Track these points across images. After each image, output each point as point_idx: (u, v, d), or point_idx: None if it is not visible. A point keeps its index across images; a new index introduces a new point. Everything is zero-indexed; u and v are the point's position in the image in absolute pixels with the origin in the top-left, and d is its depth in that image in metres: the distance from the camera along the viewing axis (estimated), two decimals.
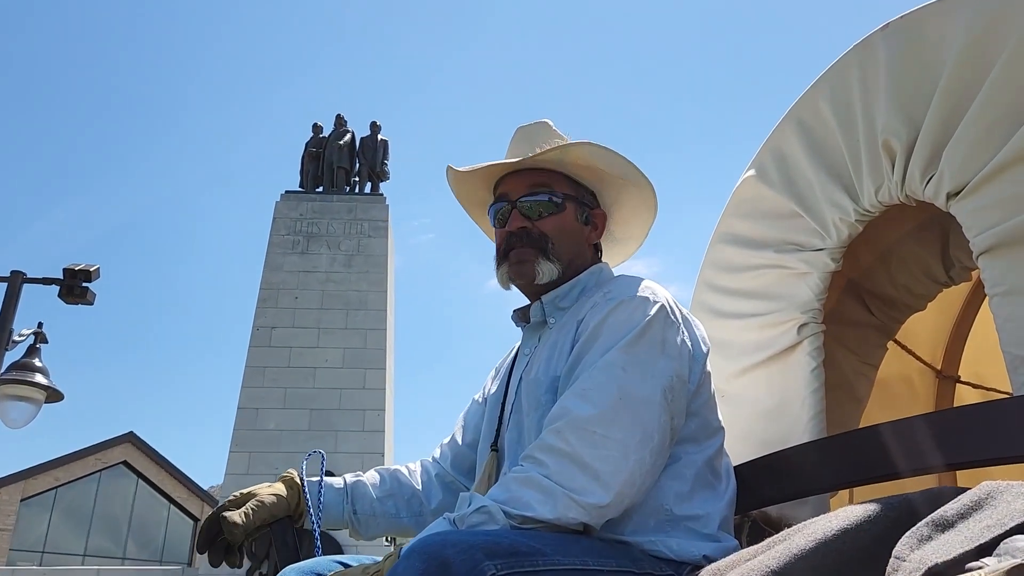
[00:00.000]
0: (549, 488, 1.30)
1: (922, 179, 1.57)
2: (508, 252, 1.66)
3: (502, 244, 1.68)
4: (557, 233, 1.65)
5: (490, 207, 1.74)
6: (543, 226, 1.65)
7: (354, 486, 1.79)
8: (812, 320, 1.80)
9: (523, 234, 1.64)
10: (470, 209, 1.89)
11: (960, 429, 1.35)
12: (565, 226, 1.67)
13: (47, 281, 8.12)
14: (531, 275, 1.63)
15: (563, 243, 1.66)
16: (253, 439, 15.16)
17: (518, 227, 1.65)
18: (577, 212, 1.70)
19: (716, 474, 1.53)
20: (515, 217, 1.66)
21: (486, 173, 1.74)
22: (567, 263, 1.66)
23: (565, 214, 1.68)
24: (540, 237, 1.64)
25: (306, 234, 17.18)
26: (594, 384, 1.40)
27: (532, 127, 1.77)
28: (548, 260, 1.63)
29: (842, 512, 1.16)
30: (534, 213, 1.66)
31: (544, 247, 1.63)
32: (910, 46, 1.65)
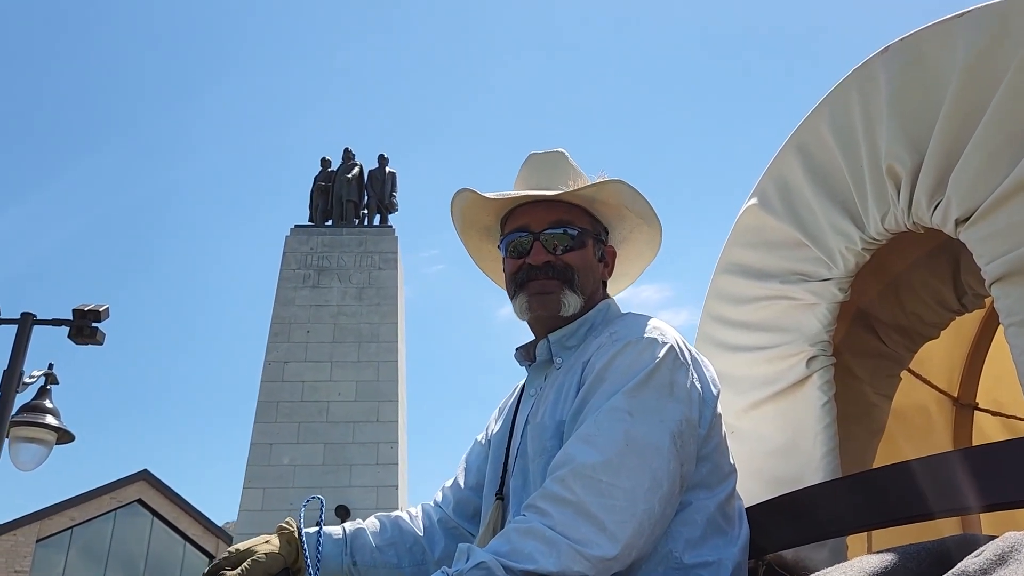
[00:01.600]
0: (552, 539, 1.24)
1: (929, 205, 1.52)
2: (526, 282, 1.62)
3: (517, 274, 1.63)
4: (581, 266, 1.62)
5: (504, 236, 1.69)
6: (568, 259, 1.61)
7: (354, 536, 1.74)
8: (821, 352, 1.74)
9: (547, 267, 1.60)
10: (467, 232, 1.83)
11: (985, 468, 1.29)
12: (587, 261, 1.64)
13: (57, 323, 8.13)
14: (556, 307, 1.59)
15: (585, 277, 1.62)
16: (267, 475, 15.08)
17: (543, 260, 1.60)
18: (594, 248, 1.67)
19: (728, 519, 1.47)
20: (538, 250, 1.61)
21: (500, 200, 1.69)
22: (588, 298, 1.63)
23: (586, 250, 1.64)
24: (566, 269, 1.60)
25: (317, 268, 17.22)
26: (600, 430, 1.35)
27: (548, 156, 1.74)
28: (574, 292, 1.59)
29: (858, 562, 1.10)
30: (556, 246, 1.61)
31: (571, 279, 1.59)
32: (911, 69, 1.61)
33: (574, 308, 1.60)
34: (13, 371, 7.65)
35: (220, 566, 1.60)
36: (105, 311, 8.15)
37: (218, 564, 1.61)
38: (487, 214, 1.75)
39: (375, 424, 15.68)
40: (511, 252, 1.66)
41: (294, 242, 17.56)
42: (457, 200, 1.74)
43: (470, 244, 1.84)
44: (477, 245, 1.84)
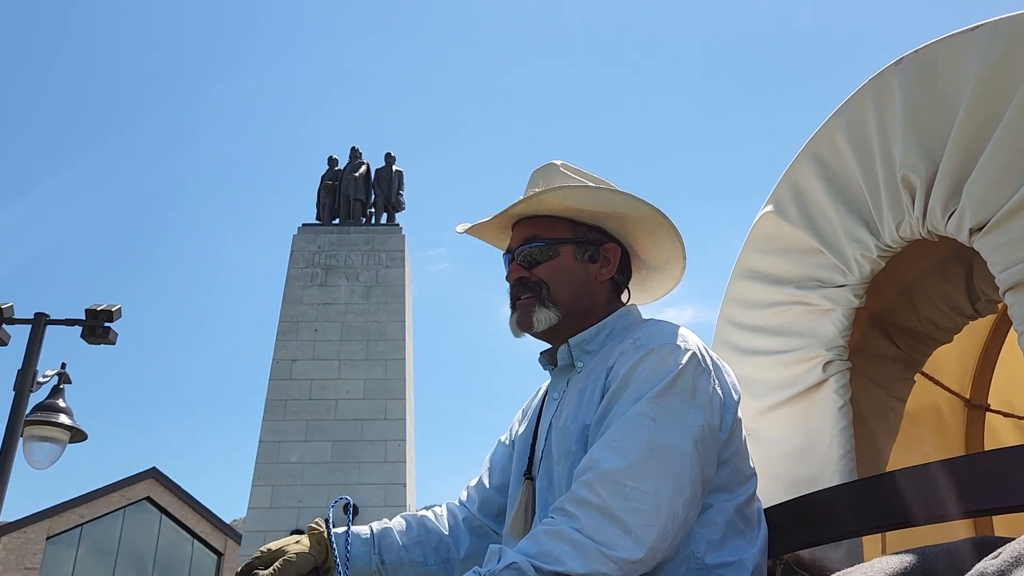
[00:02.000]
0: (580, 542, 1.28)
1: (944, 214, 1.56)
2: (513, 303, 1.69)
3: (510, 294, 1.70)
4: (552, 277, 1.65)
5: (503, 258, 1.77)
6: (539, 272, 1.66)
7: (381, 535, 1.78)
8: (837, 357, 1.78)
9: (520, 284, 1.67)
10: None
11: (999, 472, 1.33)
12: (561, 269, 1.66)
13: (70, 322, 8.21)
14: (528, 325, 1.65)
15: (560, 286, 1.65)
16: (275, 472, 15.16)
17: (515, 278, 1.68)
18: (577, 252, 1.68)
19: (748, 520, 1.51)
20: (513, 268, 1.69)
21: (504, 224, 1.76)
22: (568, 305, 1.65)
23: (560, 258, 1.67)
24: (537, 284, 1.65)
25: (324, 266, 17.28)
26: (624, 435, 1.39)
27: (540, 170, 1.77)
28: (544, 307, 1.64)
29: (879, 563, 1.14)
30: (530, 261, 1.67)
31: (540, 293, 1.64)
32: (925, 81, 1.64)
33: (548, 322, 1.63)
34: (27, 371, 7.73)
35: (253, 566, 1.65)
36: (118, 311, 8.22)
37: (250, 564, 1.66)
38: (500, 237, 1.82)
39: (383, 422, 15.75)
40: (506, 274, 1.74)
41: (301, 241, 17.62)
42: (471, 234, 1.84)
43: None
44: None
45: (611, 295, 1.72)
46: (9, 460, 7.45)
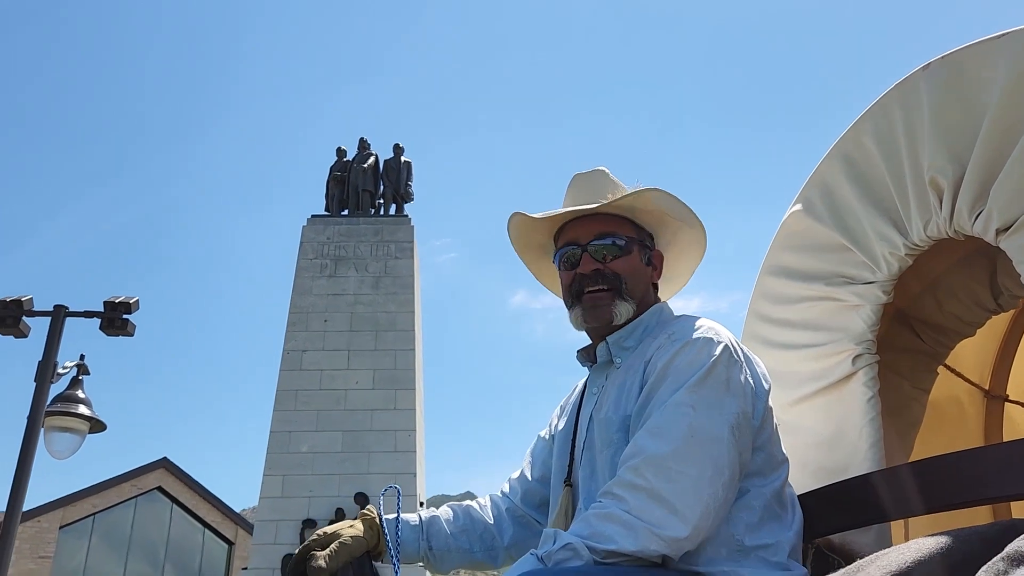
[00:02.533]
0: (630, 522, 1.37)
1: (970, 215, 1.63)
2: (580, 294, 1.74)
3: (572, 285, 1.76)
4: (629, 273, 1.74)
5: (557, 251, 1.82)
6: (615, 267, 1.73)
7: (429, 522, 1.87)
8: (866, 351, 1.86)
9: (597, 275, 1.73)
10: (525, 253, 1.97)
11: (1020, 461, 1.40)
12: (634, 267, 1.76)
13: (88, 314, 8.31)
14: (608, 317, 1.72)
15: (634, 283, 1.74)
16: (286, 462, 15.28)
17: (591, 269, 1.73)
18: (640, 254, 1.79)
19: (783, 505, 1.59)
20: (587, 260, 1.74)
21: (551, 220, 1.83)
22: (638, 302, 1.75)
23: (632, 256, 1.76)
24: (614, 277, 1.72)
25: (334, 257, 17.36)
26: (666, 423, 1.47)
27: (590, 175, 1.86)
28: (624, 300, 1.71)
29: (915, 544, 1.22)
30: (604, 255, 1.74)
31: (619, 287, 1.72)
32: (952, 86, 1.71)
33: (626, 315, 1.72)
34: (47, 362, 7.84)
35: (310, 547, 1.74)
36: (135, 303, 8.32)
37: (308, 546, 1.75)
38: (540, 234, 1.89)
39: (392, 412, 15.85)
40: (563, 265, 1.80)
41: (311, 232, 17.69)
42: (512, 223, 1.89)
43: (530, 263, 1.99)
44: (536, 263, 1.98)
45: (654, 297, 1.83)
46: (32, 449, 7.57)
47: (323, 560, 1.69)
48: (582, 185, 1.84)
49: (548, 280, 2.01)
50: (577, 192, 1.84)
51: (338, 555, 1.72)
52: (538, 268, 2.00)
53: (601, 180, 1.83)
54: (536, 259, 1.98)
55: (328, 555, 1.70)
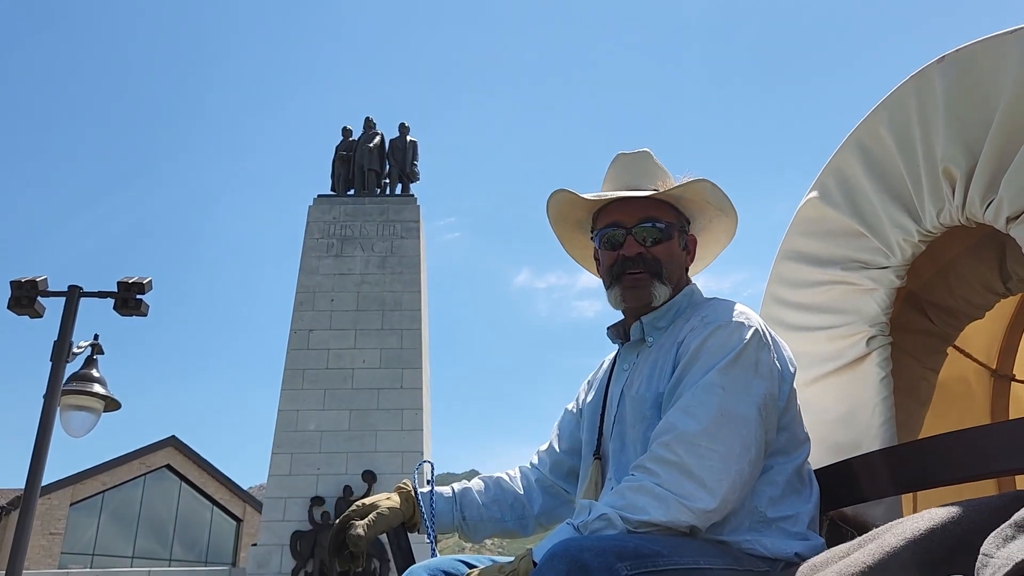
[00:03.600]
0: (662, 495, 1.46)
1: (982, 204, 1.70)
2: (621, 275, 1.81)
3: (613, 266, 1.83)
4: (668, 258, 1.81)
5: (598, 231, 1.88)
6: (656, 252, 1.80)
7: (462, 494, 1.97)
8: (880, 333, 1.94)
9: (639, 259, 1.80)
10: (559, 225, 2.02)
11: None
12: (673, 252, 1.83)
13: (103, 295, 8.39)
14: (647, 298, 1.79)
15: (672, 268, 1.82)
16: (294, 440, 15.43)
17: (636, 252, 1.80)
18: (679, 239, 1.86)
19: (803, 480, 1.69)
20: (630, 243, 1.81)
21: (592, 204, 1.88)
22: (675, 286, 1.82)
23: (672, 241, 1.84)
24: (654, 261, 1.80)
25: (340, 237, 17.41)
26: (697, 402, 1.56)
27: (635, 157, 1.92)
28: (662, 283, 1.79)
29: (928, 514, 1.30)
30: (646, 239, 1.81)
31: (659, 271, 1.79)
32: (965, 78, 1.78)
33: (663, 298, 1.80)
34: (63, 342, 7.94)
35: (350, 516, 1.84)
36: (148, 283, 8.40)
37: (348, 515, 1.85)
38: (580, 210, 1.94)
39: (399, 391, 15.97)
40: (605, 244, 1.85)
41: (317, 212, 17.73)
42: (554, 198, 1.93)
43: (562, 235, 2.04)
44: (570, 235, 2.03)
45: (687, 280, 1.90)
46: (49, 428, 7.69)
47: (362, 528, 1.79)
48: (627, 167, 1.90)
49: (578, 252, 2.07)
50: (621, 173, 1.90)
51: (376, 524, 1.82)
52: (569, 240, 2.05)
53: (646, 163, 1.89)
54: (569, 232, 2.03)
55: (367, 524, 1.80)
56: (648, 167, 1.89)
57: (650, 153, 1.92)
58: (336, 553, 1.82)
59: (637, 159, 1.91)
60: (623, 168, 1.91)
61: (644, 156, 1.91)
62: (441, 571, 1.66)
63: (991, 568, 1.08)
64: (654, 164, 1.90)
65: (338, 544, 1.82)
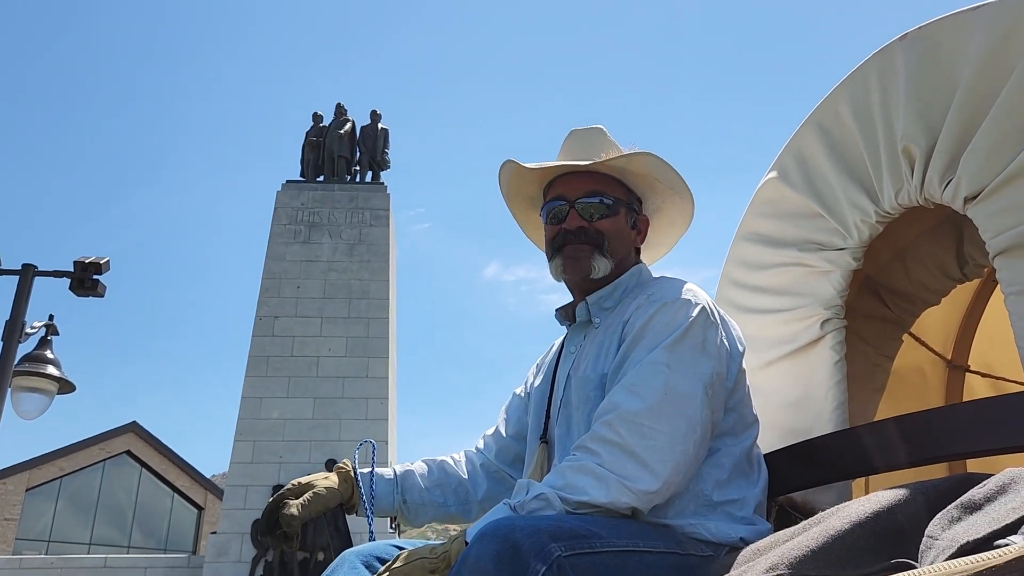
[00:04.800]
0: (602, 475, 1.40)
1: (940, 183, 1.66)
2: (562, 247, 1.75)
3: (555, 239, 1.77)
4: (612, 233, 1.76)
5: (544, 205, 1.83)
6: (600, 226, 1.75)
7: (404, 476, 1.90)
8: (835, 316, 1.90)
9: (580, 232, 1.74)
10: (513, 201, 1.97)
11: (978, 421, 1.46)
12: (618, 228, 1.77)
13: (58, 274, 8.19)
14: (587, 270, 1.73)
15: (616, 243, 1.76)
16: (257, 428, 15.26)
17: (576, 226, 1.75)
18: (627, 216, 1.80)
19: (751, 463, 1.64)
20: (573, 216, 1.75)
21: (541, 172, 1.83)
22: (618, 262, 1.76)
23: (619, 217, 1.78)
24: (597, 235, 1.74)
25: (308, 223, 17.23)
26: (641, 380, 1.50)
27: (588, 132, 1.86)
28: (603, 256, 1.73)
29: (874, 496, 1.26)
30: (590, 214, 1.75)
31: (601, 244, 1.73)
32: (928, 56, 1.74)
33: (603, 271, 1.74)
34: (15, 321, 7.73)
35: (284, 495, 1.76)
36: (106, 263, 8.21)
37: (282, 494, 1.77)
38: (530, 185, 1.89)
39: (365, 380, 15.84)
40: (550, 219, 1.80)
41: (285, 197, 17.51)
42: (503, 171, 1.88)
43: (517, 213, 1.99)
44: (524, 214, 1.98)
45: (635, 260, 1.84)
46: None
47: (295, 508, 1.71)
48: (578, 141, 1.85)
49: (532, 231, 2.02)
50: (572, 148, 1.85)
51: (311, 505, 1.74)
52: (524, 219, 2.00)
53: (597, 138, 1.84)
54: (523, 210, 1.98)
55: (301, 504, 1.72)
56: (599, 142, 1.83)
57: (603, 129, 1.87)
58: (268, 532, 1.75)
59: (588, 135, 1.86)
60: (574, 143, 1.86)
61: (596, 132, 1.86)
62: (374, 556, 1.58)
63: (935, 550, 1.04)
64: (606, 140, 1.85)
65: (271, 523, 1.74)
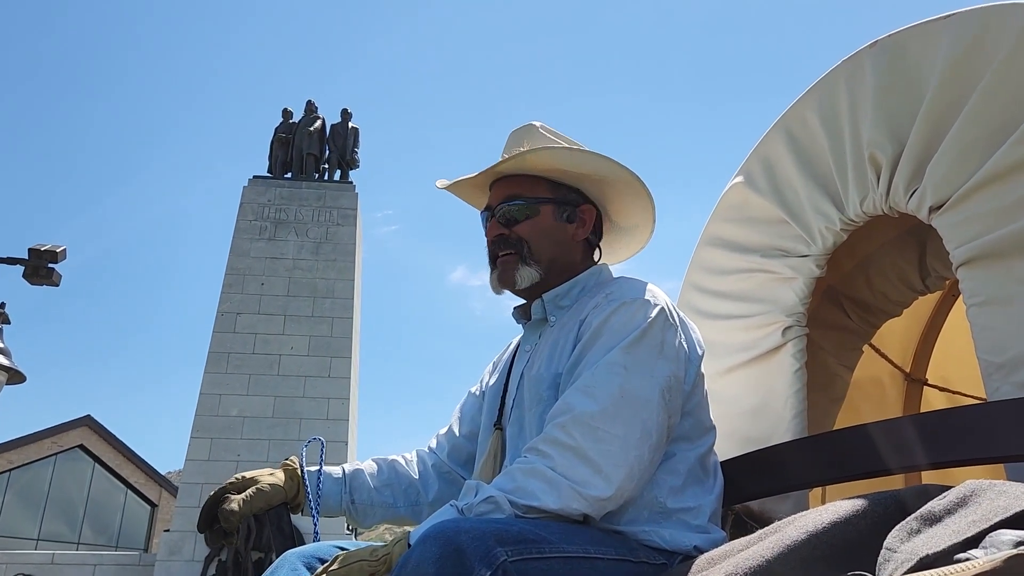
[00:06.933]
0: (554, 479, 1.35)
1: (906, 192, 1.65)
2: (494, 259, 1.72)
3: (488, 250, 1.74)
4: (533, 236, 1.70)
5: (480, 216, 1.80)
6: (519, 231, 1.70)
7: (352, 476, 1.83)
8: (796, 323, 1.88)
9: (500, 241, 1.71)
10: None
11: (938, 432, 1.44)
12: (542, 228, 1.71)
13: (11, 261, 8.00)
14: (511, 281, 1.70)
15: (541, 244, 1.70)
16: (215, 425, 15.03)
17: (496, 235, 1.71)
18: (556, 212, 1.73)
19: (706, 470, 1.60)
20: (492, 225, 1.72)
21: (482, 182, 1.79)
22: (548, 263, 1.70)
23: (540, 217, 1.71)
24: (517, 241, 1.70)
25: (274, 220, 17.03)
26: (597, 382, 1.46)
27: (520, 131, 1.81)
28: (526, 264, 1.69)
29: (831, 507, 1.23)
30: (508, 219, 1.71)
31: (521, 251, 1.69)
32: (896, 65, 1.73)
33: (530, 279, 1.69)
34: None
35: (226, 489, 1.69)
36: (62, 252, 8.02)
37: (224, 488, 1.70)
38: (477, 196, 1.85)
39: (327, 380, 15.68)
40: (484, 229, 1.77)
41: (252, 193, 17.29)
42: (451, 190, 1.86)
43: None
44: None
45: (585, 254, 1.78)
46: None
47: (236, 504, 1.64)
48: (511, 143, 1.79)
49: None
50: (507, 150, 1.79)
51: (253, 501, 1.67)
52: None
53: (529, 136, 1.77)
54: None
55: (243, 499, 1.66)
56: (531, 140, 1.76)
57: (535, 126, 1.80)
58: (206, 527, 1.67)
59: (520, 134, 1.80)
60: (510, 145, 1.80)
61: (528, 130, 1.80)
62: (316, 558, 1.51)
63: (893, 563, 1.01)
64: (538, 135, 1.78)
65: (209, 518, 1.67)
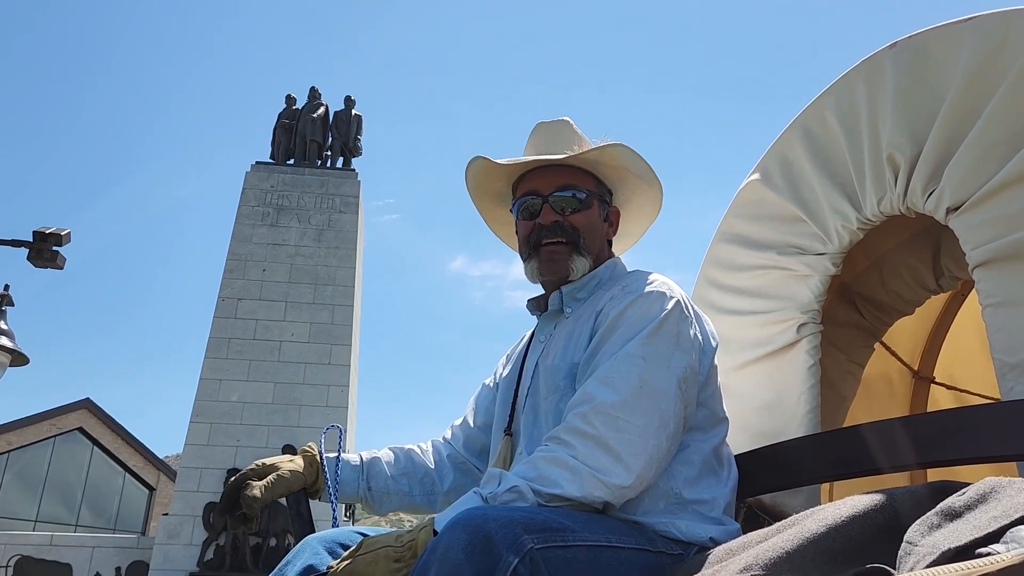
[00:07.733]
0: (576, 468, 1.38)
1: (923, 193, 1.67)
2: (538, 246, 1.72)
3: (530, 236, 1.74)
4: (587, 228, 1.73)
5: (516, 200, 1.80)
6: (574, 220, 1.72)
7: (370, 464, 1.86)
8: (811, 320, 1.90)
9: (556, 227, 1.71)
10: (480, 198, 1.93)
11: (951, 430, 1.46)
12: (593, 222, 1.75)
13: (16, 243, 8.01)
14: (565, 272, 1.71)
15: (592, 238, 1.74)
16: (215, 410, 15.08)
17: (551, 220, 1.71)
18: (600, 209, 1.78)
19: (720, 462, 1.63)
20: (547, 211, 1.72)
21: (511, 167, 1.80)
22: (595, 256, 1.74)
23: (592, 211, 1.75)
24: (572, 231, 1.71)
25: (276, 206, 17.02)
26: (616, 373, 1.48)
27: (554, 125, 1.83)
28: (581, 255, 1.71)
29: (850, 500, 1.26)
30: (564, 208, 1.72)
31: (577, 241, 1.71)
32: (916, 66, 1.74)
33: (582, 270, 1.71)
34: None
35: (247, 476, 1.72)
36: (67, 235, 8.03)
37: (244, 474, 1.72)
38: (499, 180, 1.85)
39: (327, 366, 15.72)
40: (523, 214, 1.77)
41: (254, 178, 17.29)
42: (471, 167, 1.84)
43: (484, 209, 1.95)
44: (490, 210, 1.94)
45: (608, 254, 1.82)
46: None
47: (258, 490, 1.67)
48: (545, 135, 1.81)
49: (500, 228, 1.98)
50: (540, 141, 1.81)
51: (274, 487, 1.70)
52: (491, 215, 1.97)
53: (565, 131, 1.81)
54: (491, 206, 1.94)
55: (264, 486, 1.68)
56: (567, 135, 1.80)
57: (570, 121, 1.84)
58: (227, 512, 1.70)
59: (556, 127, 1.82)
60: (542, 137, 1.82)
61: (563, 124, 1.83)
62: (337, 543, 1.54)
63: (915, 556, 1.03)
64: (574, 132, 1.81)
65: (231, 503, 1.70)
